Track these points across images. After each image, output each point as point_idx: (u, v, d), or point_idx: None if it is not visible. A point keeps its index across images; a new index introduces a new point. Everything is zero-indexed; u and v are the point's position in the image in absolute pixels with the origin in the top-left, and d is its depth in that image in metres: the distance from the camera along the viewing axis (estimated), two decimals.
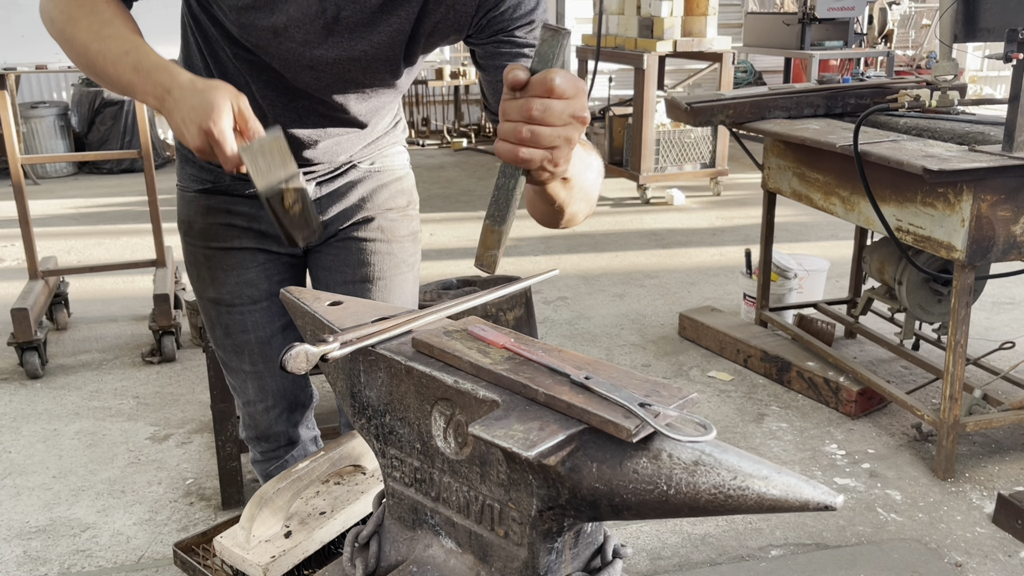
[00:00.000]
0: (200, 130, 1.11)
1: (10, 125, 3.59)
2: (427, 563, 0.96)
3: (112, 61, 1.21)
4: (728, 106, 3.33)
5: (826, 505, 0.71)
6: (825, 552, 2.44)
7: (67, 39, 1.26)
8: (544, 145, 0.90)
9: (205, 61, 1.41)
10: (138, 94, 1.20)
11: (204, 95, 1.12)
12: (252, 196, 1.53)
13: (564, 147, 0.92)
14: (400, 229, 1.65)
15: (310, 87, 1.38)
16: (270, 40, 1.30)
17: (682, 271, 5.00)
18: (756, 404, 3.35)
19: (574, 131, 0.91)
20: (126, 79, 1.20)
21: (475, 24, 1.29)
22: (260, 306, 1.61)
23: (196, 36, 1.41)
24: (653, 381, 0.86)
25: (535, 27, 1.28)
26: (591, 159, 1.15)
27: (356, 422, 1.03)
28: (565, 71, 0.89)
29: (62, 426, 3.23)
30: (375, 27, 1.29)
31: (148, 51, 1.20)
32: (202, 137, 1.12)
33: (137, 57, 1.19)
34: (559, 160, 0.93)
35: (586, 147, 1.16)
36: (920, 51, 10.01)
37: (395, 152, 1.68)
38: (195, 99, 1.12)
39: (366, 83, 1.39)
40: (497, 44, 1.28)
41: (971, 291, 2.66)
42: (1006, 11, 2.68)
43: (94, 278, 4.85)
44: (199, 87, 1.13)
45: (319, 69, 1.34)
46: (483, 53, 1.30)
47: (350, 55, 1.32)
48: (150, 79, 1.17)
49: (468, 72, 8.70)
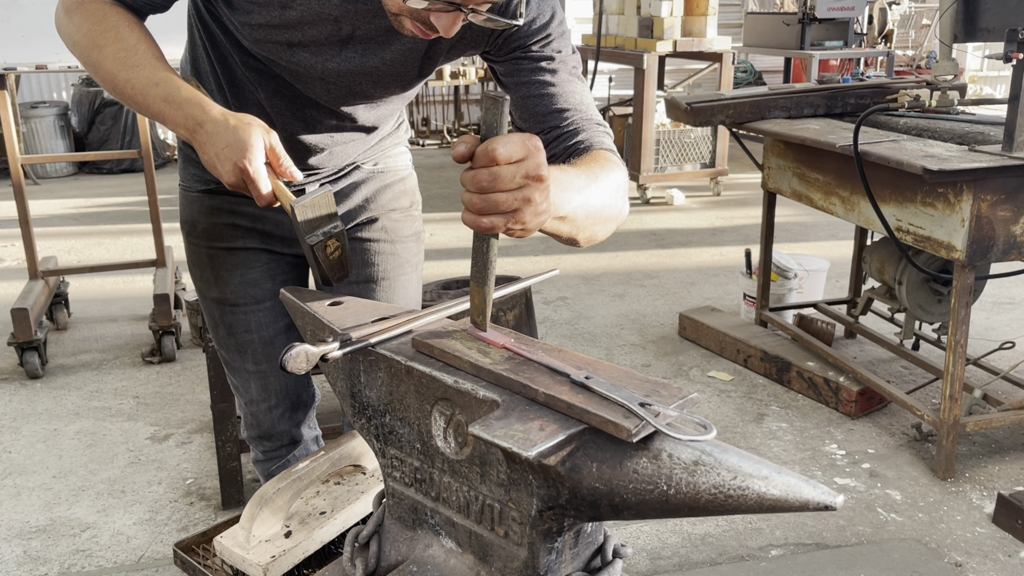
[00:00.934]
0: (235, 168, 1.15)
1: (10, 125, 3.59)
2: (427, 563, 0.96)
3: (141, 91, 1.22)
4: (728, 106, 3.33)
5: (826, 505, 0.71)
6: (825, 552, 2.44)
7: (92, 64, 1.26)
8: (502, 211, 0.91)
9: (212, 65, 1.41)
10: (168, 124, 1.22)
11: (237, 133, 1.15)
12: None
13: (524, 207, 0.92)
14: (403, 229, 1.66)
15: (320, 97, 1.38)
16: (283, 53, 1.31)
17: (682, 271, 5.00)
18: (756, 404, 3.35)
19: (532, 191, 0.91)
20: (155, 108, 1.22)
21: (491, 42, 1.30)
22: (263, 306, 1.61)
23: (204, 40, 1.41)
24: (653, 381, 0.86)
25: (552, 39, 1.28)
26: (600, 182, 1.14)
27: (356, 422, 1.03)
28: (511, 135, 0.89)
29: (62, 426, 3.23)
30: (389, 45, 1.30)
31: (178, 83, 1.21)
32: (237, 175, 1.15)
33: (168, 90, 1.20)
34: (524, 220, 0.93)
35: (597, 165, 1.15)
36: (920, 51, 10.01)
37: (398, 153, 1.68)
38: (229, 136, 1.15)
39: (376, 95, 1.40)
40: (516, 61, 1.29)
41: (971, 291, 2.66)
42: (1006, 11, 2.68)
43: (94, 278, 4.85)
44: (231, 124, 1.16)
45: (330, 81, 1.34)
46: (504, 71, 1.31)
47: (362, 69, 1.32)
48: (181, 111, 1.19)
49: (468, 72, 8.70)
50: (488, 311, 0.98)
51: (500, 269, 4.78)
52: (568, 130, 1.27)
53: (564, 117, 1.27)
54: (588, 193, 1.10)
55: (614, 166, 1.20)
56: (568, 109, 1.28)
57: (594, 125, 1.29)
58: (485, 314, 0.98)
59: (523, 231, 0.96)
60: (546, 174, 0.92)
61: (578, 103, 1.29)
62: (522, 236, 0.98)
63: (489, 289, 0.97)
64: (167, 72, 1.23)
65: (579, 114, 1.28)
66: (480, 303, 0.97)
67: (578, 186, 1.07)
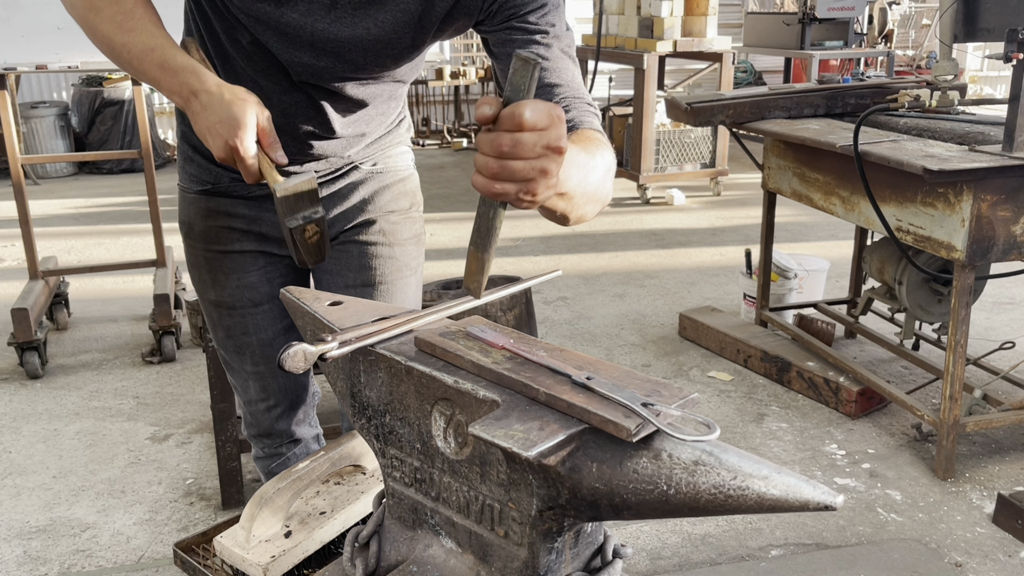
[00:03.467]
0: (226, 144, 1.17)
1: (10, 125, 3.59)
2: (427, 563, 0.96)
3: (137, 56, 1.23)
4: (728, 106, 3.33)
5: (826, 505, 0.71)
6: (825, 552, 2.44)
7: (89, 26, 1.27)
8: (517, 179, 0.88)
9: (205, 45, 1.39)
10: (163, 90, 1.23)
11: (231, 109, 1.16)
12: (251, 197, 1.53)
13: (540, 179, 0.89)
14: (403, 232, 1.63)
15: (308, 71, 1.35)
16: (271, 12, 1.28)
17: (682, 271, 5.00)
18: (756, 404, 3.35)
19: (549, 162, 0.89)
20: (151, 74, 1.23)
21: (486, 9, 1.27)
22: (261, 309, 1.60)
23: (196, 19, 1.39)
24: (654, 381, 0.86)
25: (548, 11, 1.26)
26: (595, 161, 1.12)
27: (356, 422, 1.03)
28: (538, 102, 0.86)
29: (62, 426, 3.22)
30: (382, 6, 1.27)
31: (174, 49, 1.22)
32: (227, 151, 1.18)
33: (163, 55, 1.22)
34: (536, 191, 0.90)
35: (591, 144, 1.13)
36: (920, 51, 10.01)
37: (399, 152, 1.65)
38: (223, 111, 1.16)
39: (365, 67, 1.36)
40: (509, 31, 1.26)
41: (971, 291, 2.65)
42: (1006, 11, 2.68)
43: (94, 278, 4.85)
44: (226, 98, 1.17)
45: (318, 48, 1.31)
46: (496, 40, 1.28)
47: (352, 34, 1.30)
48: (176, 79, 1.20)
49: (468, 72, 8.70)
50: (484, 279, 0.96)
51: (500, 270, 4.78)
52: None
53: (554, 93, 1.23)
54: (586, 171, 1.08)
55: (604, 147, 1.17)
56: (559, 85, 1.24)
57: (583, 104, 1.25)
58: (480, 281, 0.96)
59: (531, 203, 0.94)
60: (566, 147, 0.90)
61: (569, 80, 1.26)
62: (527, 208, 0.96)
63: (489, 256, 0.94)
64: (164, 38, 1.24)
65: (569, 91, 1.25)
66: (476, 269, 0.95)
67: (578, 163, 1.05)
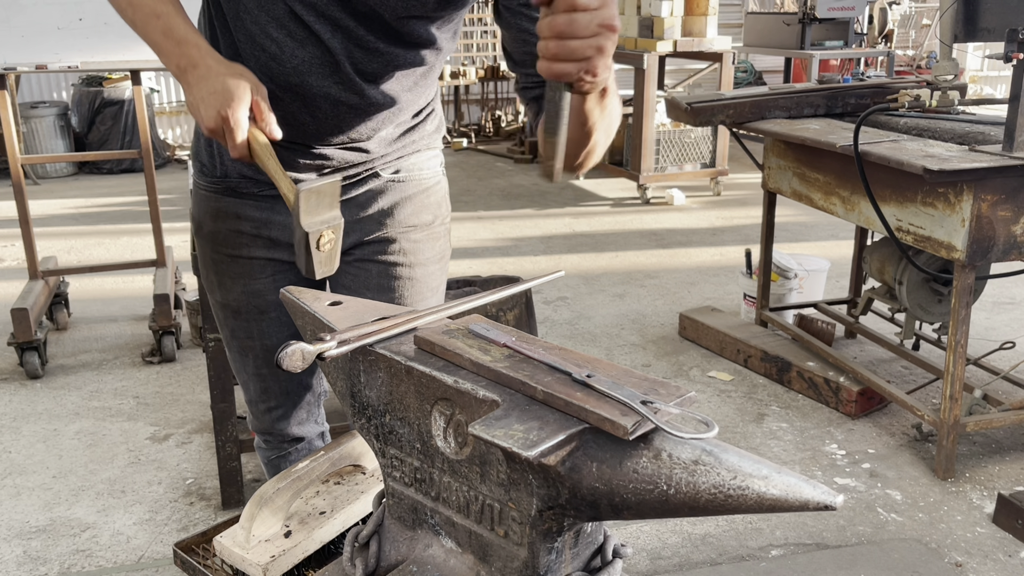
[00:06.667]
0: (217, 114, 1.16)
1: (10, 125, 3.59)
2: (427, 563, 0.95)
3: (143, 19, 1.25)
4: (728, 106, 3.33)
5: (826, 505, 0.70)
6: (825, 552, 2.44)
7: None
8: (576, 57, 0.94)
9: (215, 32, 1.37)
10: (162, 57, 1.24)
11: (226, 81, 1.16)
12: (262, 197, 1.46)
13: (597, 56, 0.95)
14: (425, 251, 1.54)
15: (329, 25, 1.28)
16: None
17: (682, 271, 5.00)
18: (756, 404, 3.35)
19: (605, 40, 0.95)
20: (153, 39, 1.24)
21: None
22: (268, 316, 1.55)
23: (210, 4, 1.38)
24: (651, 380, 0.85)
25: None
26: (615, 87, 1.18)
27: (356, 422, 1.03)
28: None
29: (62, 426, 3.22)
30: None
31: (179, 20, 1.23)
32: (217, 121, 1.17)
33: (168, 23, 1.23)
34: (596, 69, 0.96)
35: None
36: (920, 51, 10.02)
37: (426, 157, 1.54)
38: (217, 83, 1.16)
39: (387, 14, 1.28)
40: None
41: (971, 291, 2.65)
42: (1006, 11, 2.68)
43: (94, 278, 4.85)
44: (223, 71, 1.17)
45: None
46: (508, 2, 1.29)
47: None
48: (178, 48, 1.21)
49: (468, 72, 8.70)
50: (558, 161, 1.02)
51: (500, 270, 4.77)
52: None
53: None
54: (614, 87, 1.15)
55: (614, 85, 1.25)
56: None
57: None
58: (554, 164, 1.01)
59: (592, 83, 0.99)
60: (619, 25, 0.96)
61: None
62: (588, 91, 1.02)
63: (560, 139, 1.00)
64: (172, 5, 1.25)
65: None
66: (550, 153, 1.01)
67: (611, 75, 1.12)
